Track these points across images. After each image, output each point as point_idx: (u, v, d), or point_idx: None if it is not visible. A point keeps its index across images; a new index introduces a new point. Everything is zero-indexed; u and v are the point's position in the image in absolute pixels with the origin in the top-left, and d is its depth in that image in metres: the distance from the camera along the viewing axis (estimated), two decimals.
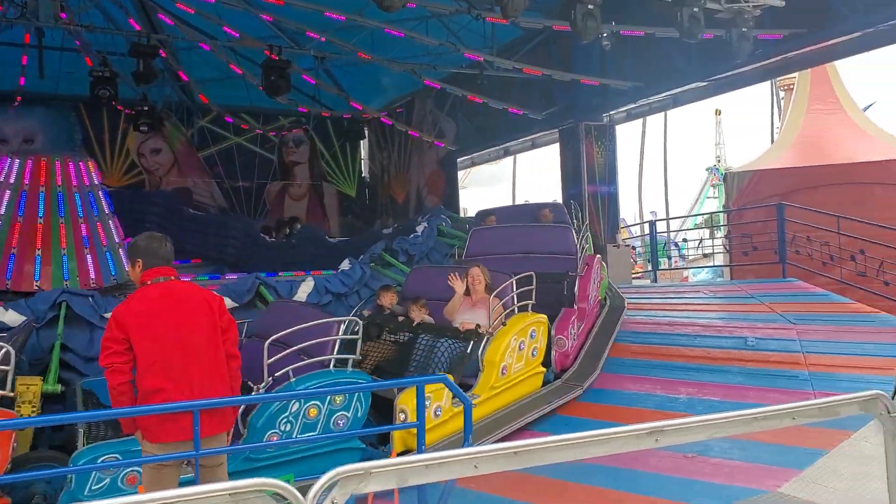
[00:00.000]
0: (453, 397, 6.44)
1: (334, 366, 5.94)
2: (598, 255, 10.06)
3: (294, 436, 5.46)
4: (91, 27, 11.81)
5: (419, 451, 4.58)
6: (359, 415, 5.88)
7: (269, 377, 5.47)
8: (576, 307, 8.75)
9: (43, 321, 7.98)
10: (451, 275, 7.99)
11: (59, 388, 7.41)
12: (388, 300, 8.48)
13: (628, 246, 15.87)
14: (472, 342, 7.25)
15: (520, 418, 7.20)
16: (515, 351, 7.51)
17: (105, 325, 4.34)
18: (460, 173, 22.20)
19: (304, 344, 5.81)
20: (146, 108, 15.65)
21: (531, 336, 7.76)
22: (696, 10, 8.38)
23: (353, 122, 20.09)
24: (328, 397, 5.71)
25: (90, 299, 8.47)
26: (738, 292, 11.56)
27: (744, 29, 9.04)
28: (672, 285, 15.31)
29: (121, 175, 19.33)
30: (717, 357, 8.77)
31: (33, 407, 6.39)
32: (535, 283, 8.00)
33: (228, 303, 8.91)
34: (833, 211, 11.89)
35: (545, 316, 8.07)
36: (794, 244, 12.09)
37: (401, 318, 8.04)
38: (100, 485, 4.81)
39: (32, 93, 17.48)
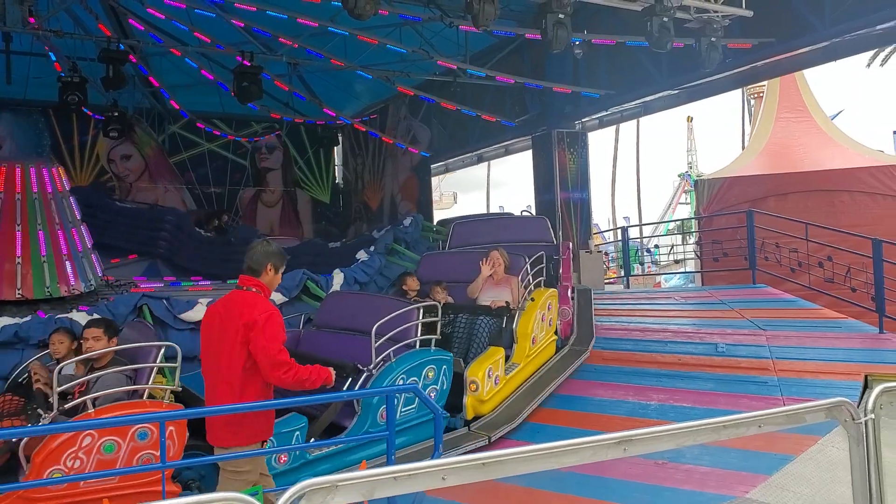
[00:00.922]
0: (506, 365, 7.79)
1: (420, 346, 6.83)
2: (556, 290, 9.82)
3: (399, 410, 6.05)
4: (60, 32, 11.66)
5: (389, 462, 4.56)
6: (444, 387, 6.71)
7: (377, 358, 6.26)
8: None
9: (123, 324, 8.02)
10: (483, 259, 8.79)
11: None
12: (412, 285, 8.84)
13: (601, 252, 15.96)
14: (505, 317, 8.12)
15: (546, 387, 8.26)
16: (539, 322, 8.61)
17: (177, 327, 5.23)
18: (434, 179, 22.23)
19: (395, 330, 6.61)
20: (116, 114, 15.45)
21: (548, 308, 8.95)
22: (665, 19, 8.46)
23: (326, 128, 20.04)
24: (423, 372, 6.62)
25: (165, 301, 8.85)
26: (709, 298, 11.67)
27: (712, 39, 9.14)
28: (644, 291, 15.42)
29: (90, 181, 19.06)
30: (688, 363, 8.84)
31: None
32: (545, 261, 9.20)
33: (279, 297, 9.48)
34: (802, 217, 12.05)
35: (555, 289, 9.33)
36: (763, 250, 12.23)
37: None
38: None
39: (0, 98, 17.25)
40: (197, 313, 8.58)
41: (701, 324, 10.40)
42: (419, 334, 6.94)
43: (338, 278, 10.79)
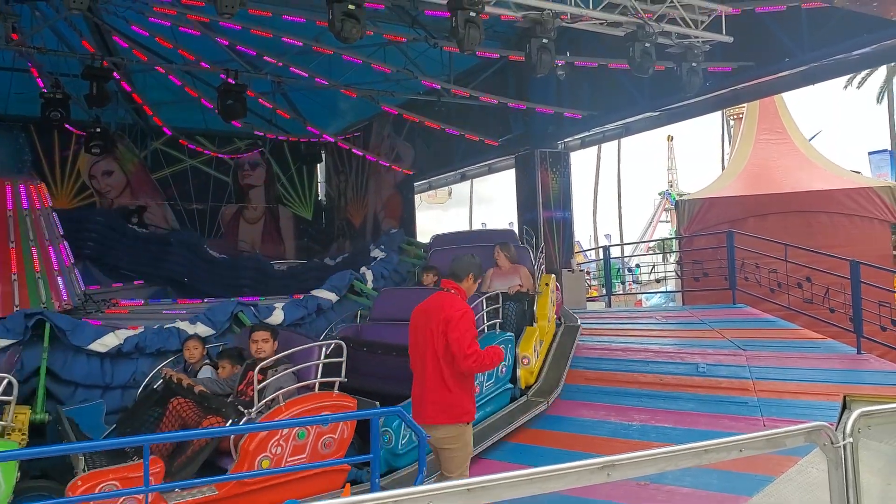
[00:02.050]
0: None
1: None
2: (553, 276, 10.37)
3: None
4: (43, 49, 11.63)
5: (373, 488, 4.58)
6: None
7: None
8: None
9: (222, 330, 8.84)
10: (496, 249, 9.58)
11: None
12: (430, 280, 9.62)
13: (583, 271, 16.07)
14: (526, 301, 9.15)
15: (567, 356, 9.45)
16: (550, 303, 9.56)
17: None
18: (417, 195, 22.28)
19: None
20: (98, 130, 15.38)
21: (552, 291, 9.84)
22: (647, 45, 8.60)
23: (310, 145, 20.04)
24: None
25: (253, 308, 9.45)
26: (690, 318, 11.77)
27: (693, 64, 9.29)
28: (626, 311, 15.51)
29: (71, 197, 18.93)
30: (669, 383, 8.91)
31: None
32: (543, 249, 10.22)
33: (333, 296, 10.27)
34: (780, 238, 12.20)
35: (553, 276, 10.27)
36: (743, 271, 12.36)
37: None
38: None
39: None
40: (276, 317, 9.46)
41: (682, 343, 10.48)
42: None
43: (369, 275, 11.41)
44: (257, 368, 5.82)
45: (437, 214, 46.12)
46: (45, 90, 13.26)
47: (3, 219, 9.68)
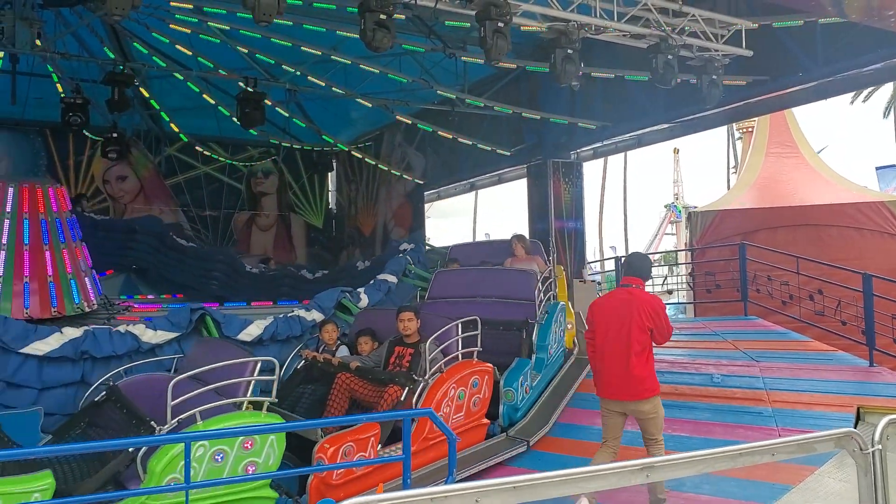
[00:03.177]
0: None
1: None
2: (562, 303, 10.36)
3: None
4: (67, 55, 11.80)
5: (404, 486, 4.67)
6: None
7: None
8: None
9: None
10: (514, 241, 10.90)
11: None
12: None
13: (594, 281, 16.14)
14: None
15: (567, 392, 9.37)
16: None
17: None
18: None
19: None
20: (115, 136, 15.54)
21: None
22: (670, 57, 8.72)
23: (321, 153, 20.19)
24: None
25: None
26: (703, 329, 11.83)
27: (713, 76, 9.41)
28: None
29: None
30: (684, 393, 8.97)
31: None
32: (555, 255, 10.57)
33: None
34: (791, 251, 12.27)
35: (565, 303, 10.65)
36: (755, 283, 12.42)
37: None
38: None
39: None
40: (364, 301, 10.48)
41: (696, 354, 10.54)
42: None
43: (391, 278, 11.69)
44: (428, 342, 7.10)
45: (436, 223, 46.06)
46: (65, 95, 13.43)
47: (36, 221, 9.80)
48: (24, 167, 18.30)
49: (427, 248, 13.96)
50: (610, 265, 21.57)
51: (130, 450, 5.11)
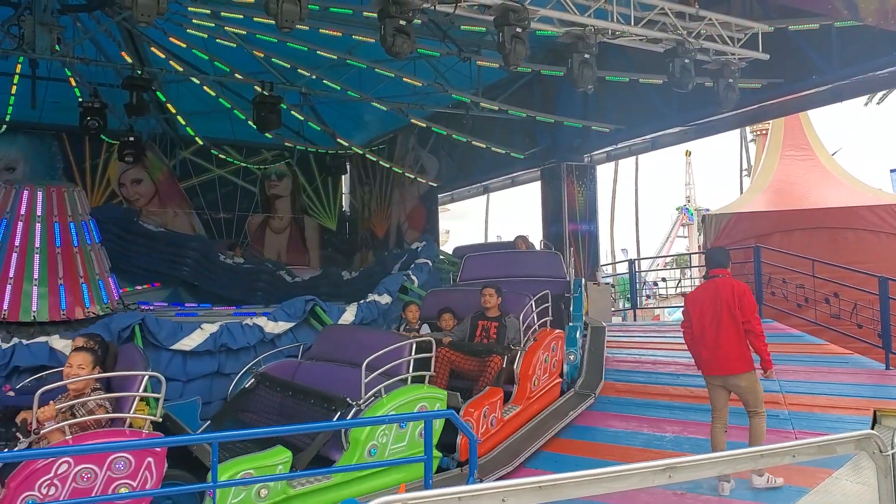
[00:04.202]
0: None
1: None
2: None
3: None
4: (86, 59, 11.93)
5: (426, 486, 4.72)
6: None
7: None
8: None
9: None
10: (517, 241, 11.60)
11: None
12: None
13: (608, 283, 16.17)
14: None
15: (547, 432, 8.18)
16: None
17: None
18: None
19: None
20: (132, 139, 15.69)
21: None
22: (687, 61, 8.75)
23: (335, 156, 20.30)
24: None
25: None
26: None
27: (730, 80, 9.43)
28: (653, 324, 15.58)
29: (101, 204, 19.22)
30: (700, 396, 8.93)
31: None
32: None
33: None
34: (806, 253, 12.23)
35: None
36: (770, 286, 12.39)
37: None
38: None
39: (16, 121, 17.53)
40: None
41: None
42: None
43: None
44: (522, 314, 8.04)
45: (447, 225, 46.07)
46: (83, 99, 13.57)
47: (65, 224, 9.93)
48: (41, 171, 18.50)
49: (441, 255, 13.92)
50: (622, 268, 21.56)
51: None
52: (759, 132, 21.13)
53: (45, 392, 4.97)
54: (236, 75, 14.00)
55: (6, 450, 5.27)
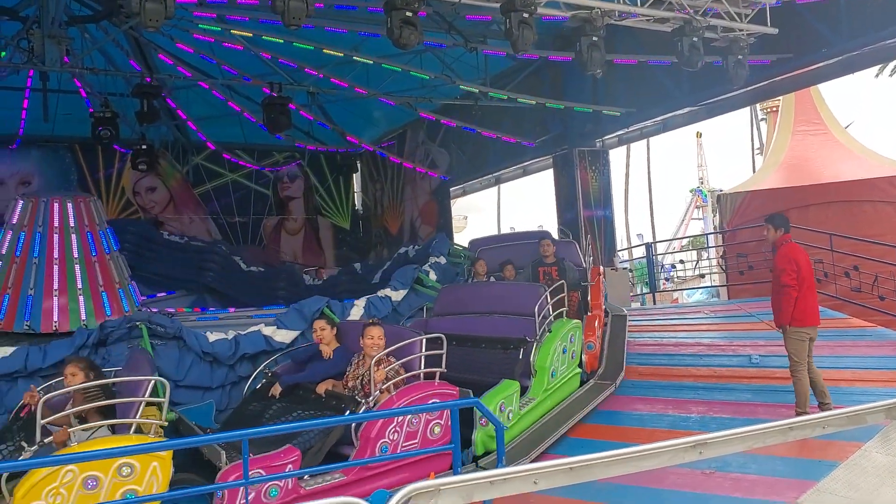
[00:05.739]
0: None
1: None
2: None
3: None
4: (95, 70, 12.01)
5: (455, 472, 4.75)
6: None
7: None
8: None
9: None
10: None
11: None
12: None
13: (626, 268, 16.11)
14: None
15: (564, 423, 7.97)
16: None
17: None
18: None
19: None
20: (144, 147, 15.78)
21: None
22: (695, 39, 8.69)
23: (345, 155, 20.36)
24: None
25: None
26: (738, 311, 11.78)
27: (739, 56, 9.36)
28: (672, 307, 15.54)
29: (117, 213, 19.33)
30: (723, 375, 8.96)
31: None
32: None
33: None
34: (824, 229, 12.15)
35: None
36: None
37: None
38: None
39: (29, 135, 17.70)
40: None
41: (732, 336, 10.51)
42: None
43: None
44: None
45: (460, 219, 45.95)
46: (94, 110, 13.66)
47: (95, 233, 10.07)
48: (56, 182, 18.66)
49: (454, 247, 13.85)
50: (638, 252, 21.44)
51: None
52: (769, 109, 20.95)
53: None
54: (244, 78, 14.03)
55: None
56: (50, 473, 4.53)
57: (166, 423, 5.32)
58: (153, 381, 5.37)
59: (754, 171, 24.26)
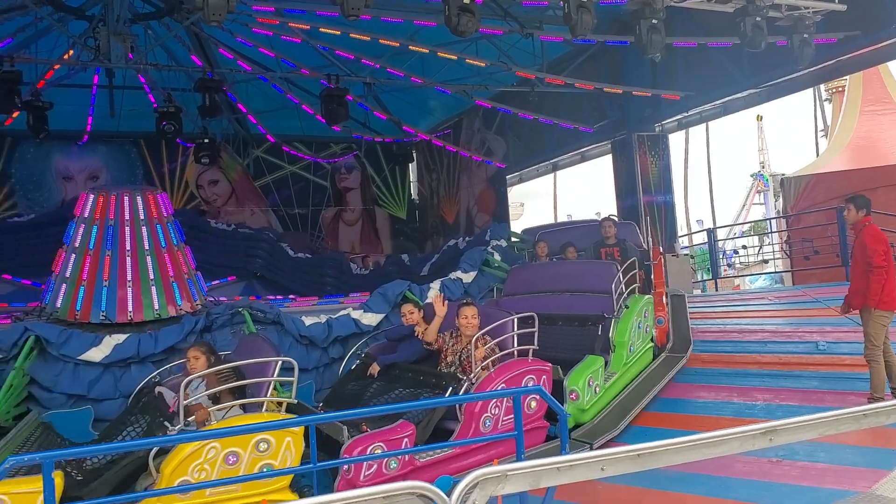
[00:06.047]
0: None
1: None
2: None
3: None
4: (158, 65, 12.30)
5: (563, 444, 4.94)
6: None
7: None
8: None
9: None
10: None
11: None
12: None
13: (687, 254, 15.86)
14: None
15: (647, 394, 8.30)
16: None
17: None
18: None
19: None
20: (206, 141, 16.11)
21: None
22: (758, 19, 8.49)
23: (401, 145, 20.44)
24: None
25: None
26: (803, 297, 11.50)
27: (805, 35, 9.10)
28: (735, 293, 15.27)
29: (181, 206, 19.85)
30: (789, 362, 8.77)
31: None
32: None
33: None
34: (892, 212, 11.78)
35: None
36: None
37: None
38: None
39: (96, 131, 18.22)
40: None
41: (798, 323, 10.27)
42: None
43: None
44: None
45: (516, 207, 45.64)
46: (157, 105, 13.98)
47: (164, 225, 10.38)
48: (122, 177, 19.24)
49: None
50: (698, 238, 21.10)
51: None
52: (834, 90, 20.32)
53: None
54: (302, 70, 14.20)
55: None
56: (195, 450, 4.89)
57: (296, 402, 5.61)
58: (280, 362, 5.70)
59: (818, 154, 23.62)
